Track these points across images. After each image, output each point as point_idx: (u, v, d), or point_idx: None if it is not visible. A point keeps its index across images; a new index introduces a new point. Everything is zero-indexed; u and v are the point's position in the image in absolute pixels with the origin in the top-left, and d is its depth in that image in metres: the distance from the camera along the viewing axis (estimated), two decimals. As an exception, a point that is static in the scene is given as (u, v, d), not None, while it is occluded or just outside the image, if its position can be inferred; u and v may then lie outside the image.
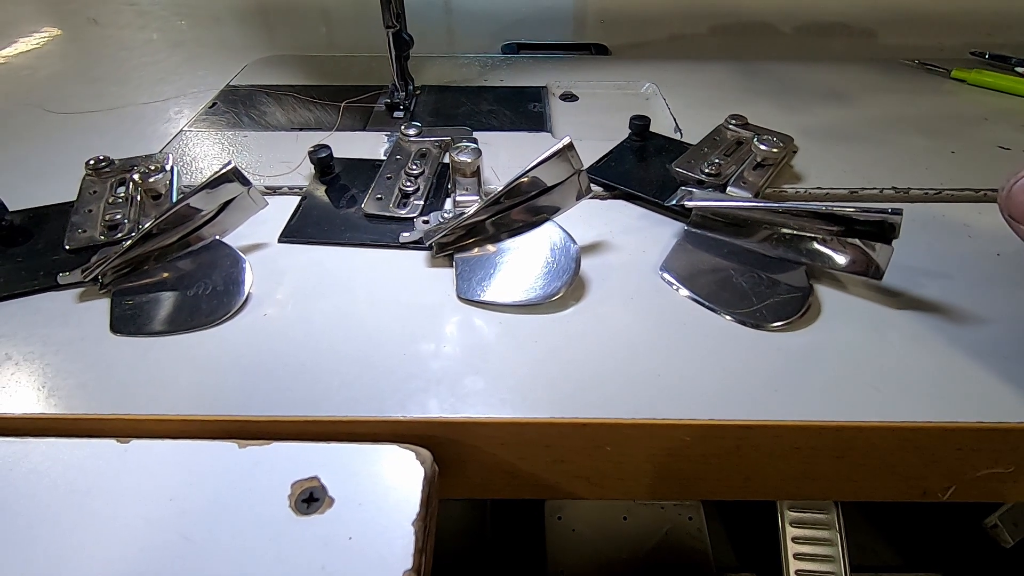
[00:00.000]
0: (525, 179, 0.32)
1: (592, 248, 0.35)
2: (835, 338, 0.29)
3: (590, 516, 0.71)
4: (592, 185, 0.37)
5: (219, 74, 0.55)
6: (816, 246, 0.32)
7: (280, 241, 0.35)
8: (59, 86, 0.55)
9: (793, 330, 0.30)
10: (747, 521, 0.71)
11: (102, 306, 0.31)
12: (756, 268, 0.33)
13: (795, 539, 0.58)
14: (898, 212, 0.28)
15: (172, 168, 0.37)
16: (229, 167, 0.31)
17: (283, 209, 0.37)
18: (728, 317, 0.30)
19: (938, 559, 0.69)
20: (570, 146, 0.31)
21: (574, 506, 0.71)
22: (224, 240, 0.34)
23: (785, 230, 0.33)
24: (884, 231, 0.29)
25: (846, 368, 0.28)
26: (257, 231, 0.36)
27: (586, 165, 0.33)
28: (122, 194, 0.37)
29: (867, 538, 0.71)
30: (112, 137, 0.46)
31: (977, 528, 0.64)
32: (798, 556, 0.57)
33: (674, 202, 0.35)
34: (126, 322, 0.30)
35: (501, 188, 0.32)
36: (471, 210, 0.33)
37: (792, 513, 0.59)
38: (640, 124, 0.43)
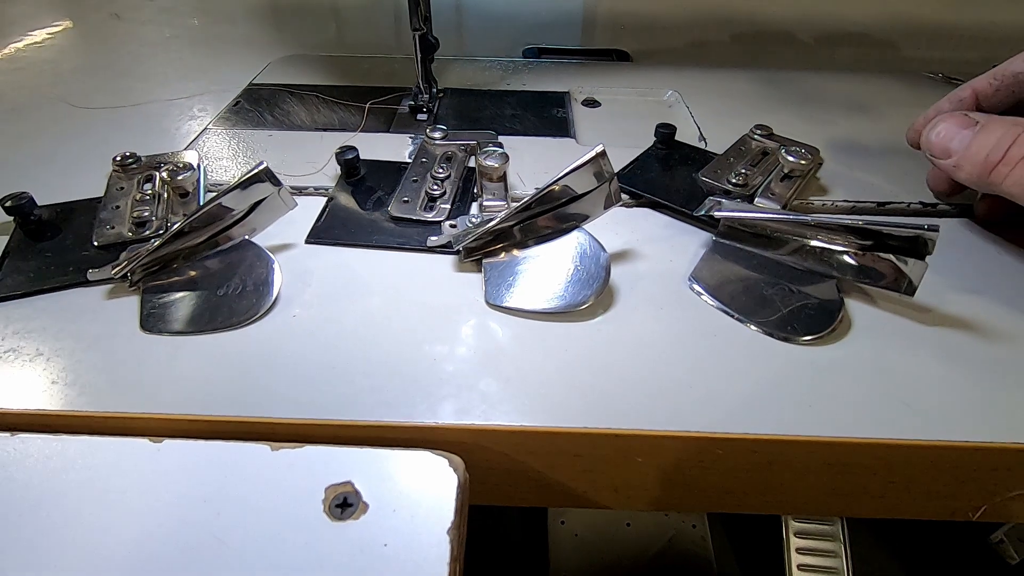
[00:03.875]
0: (556, 186, 0.32)
1: (619, 256, 0.35)
2: (867, 353, 0.29)
3: (593, 521, 0.71)
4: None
5: (242, 72, 0.55)
6: (847, 259, 0.32)
7: (307, 242, 0.35)
8: (81, 80, 0.55)
9: (824, 344, 0.29)
10: (751, 531, 0.71)
11: (131, 303, 0.31)
12: (785, 280, 0.32)
13: (799, 550, 0.58)
14: (934, 228, 0.28)
15: (200, 166, 0.37)
16: (261, 167, 0.31)
17: (310, 210, 0.37)
18: (758, 329, 0.30)
19: (943, 574, 0.69)
20: (603, 154, 0.31)
21: (578, 511, 0.70)
22: (253, 240, 0.34)
23: (815, 243, 0.33)
24: (918, 247, 0.29)
25: (878, 384, 0.28)
26: (284, 231, 0.36)
27: (613, 172, 0.33)
28: (149, 191, 0.37)
29: (872, 551, 0.71)
30: (137, 133, 0.46)
31: (983, 543, 0.64)
32: (802, 567, 0.57)
33: (703, 212, 0.35)
34: (156, 320, 0.30)
35: (532, 194, 0.32)
36: (499, 216, 0.33)
37: (797, 524, 0.59)
38: (666, 132, 0.43)
